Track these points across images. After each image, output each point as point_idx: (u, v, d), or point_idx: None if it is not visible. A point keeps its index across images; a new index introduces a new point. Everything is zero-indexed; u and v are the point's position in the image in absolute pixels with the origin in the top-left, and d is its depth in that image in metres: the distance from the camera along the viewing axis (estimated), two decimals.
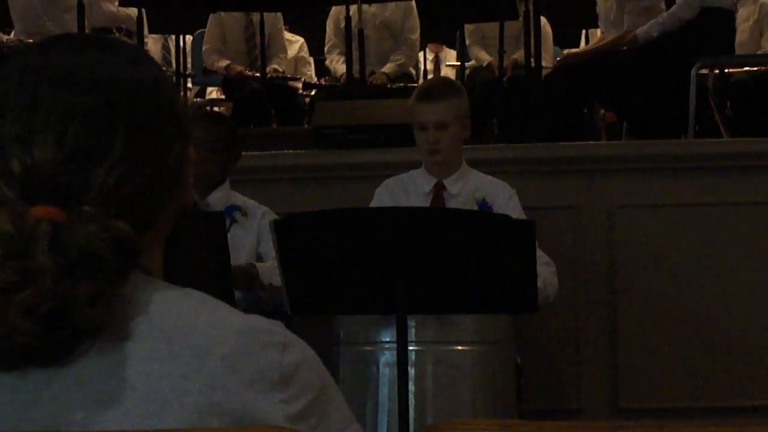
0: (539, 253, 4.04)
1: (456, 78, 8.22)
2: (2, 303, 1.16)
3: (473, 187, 4.36)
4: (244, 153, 4.63)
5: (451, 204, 4.32)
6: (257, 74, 7.70)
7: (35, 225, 1.19)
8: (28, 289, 1.17)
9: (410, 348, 3.50)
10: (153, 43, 8.71)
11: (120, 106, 1.28)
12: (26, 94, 1.27)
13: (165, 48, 9.14)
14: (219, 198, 4.48)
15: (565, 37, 8.48)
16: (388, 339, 3.80)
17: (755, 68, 6.94)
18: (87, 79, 1.28)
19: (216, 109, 8.53)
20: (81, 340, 1.20)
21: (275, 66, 8.02)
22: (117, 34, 7.27)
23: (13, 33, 7.42)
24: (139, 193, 1.28)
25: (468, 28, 7.96)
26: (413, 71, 8.22)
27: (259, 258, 4.45)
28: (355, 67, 6.83)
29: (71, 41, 1.35)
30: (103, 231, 1.20)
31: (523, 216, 4.22)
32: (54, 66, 1.29)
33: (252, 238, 4.44)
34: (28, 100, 1.27)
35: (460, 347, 3.90)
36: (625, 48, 6.21)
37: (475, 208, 4.26)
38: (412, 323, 3.63)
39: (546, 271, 4.10)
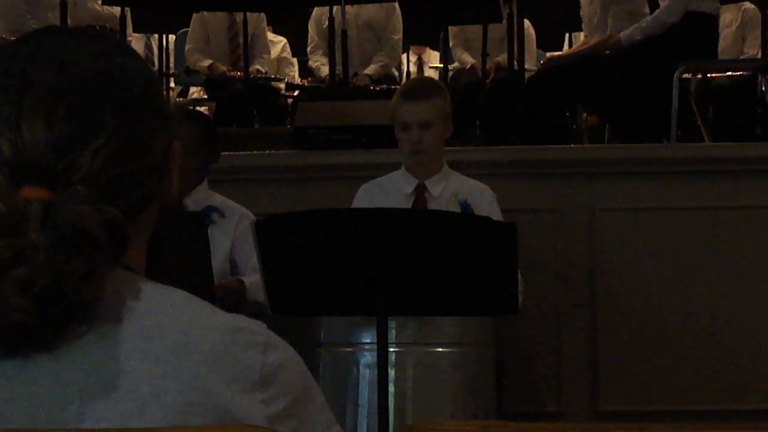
0: None
1: (439, 80, 8.21)
2: None
3: (455, 189, 4.34)
4: (226, 153, 4.60)
5: (433, 206, 4.30)
6: (240, 74, 7.68)
7: (26, 204, 1.19)
8: (22, 266, 1.17)
9: (390, 349, 3.49)
10: (136, 42, 8.67)
11: (109, 88, 1.29)
12: (16, 76, 1.27)
13: (148, 47, 9.12)
14: (196, 198, 4.42)
15: (548, 40, 8.48)
16: (368, 340, 3.80)
17: (737, 73, 6.97)
18: (77, 61, 1.28)
19: (199, 108, 8.51)
20: (74, 318, 1.20)
21: (258, 66, 8.00)
22: None
23: None
24: (125, 179, 1.28)
25: (451, 30, 7.96)
26: (396, 72, 8.22)
27: (233, 263, 4.42)
28: (338, 67, 6.83)
29: (61, 30, 1.36)
30: (93, 211, 1.20)
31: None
32: (44, 50, 1.29)
33: (228, 241, 4.40)
34: (18, 81, 1.26)
35: (440, 349, 3.90)
36: (608, 52, 6.21)
37: (458, 209, 4.25)
38: (392, 325, 3.63)
39: None
